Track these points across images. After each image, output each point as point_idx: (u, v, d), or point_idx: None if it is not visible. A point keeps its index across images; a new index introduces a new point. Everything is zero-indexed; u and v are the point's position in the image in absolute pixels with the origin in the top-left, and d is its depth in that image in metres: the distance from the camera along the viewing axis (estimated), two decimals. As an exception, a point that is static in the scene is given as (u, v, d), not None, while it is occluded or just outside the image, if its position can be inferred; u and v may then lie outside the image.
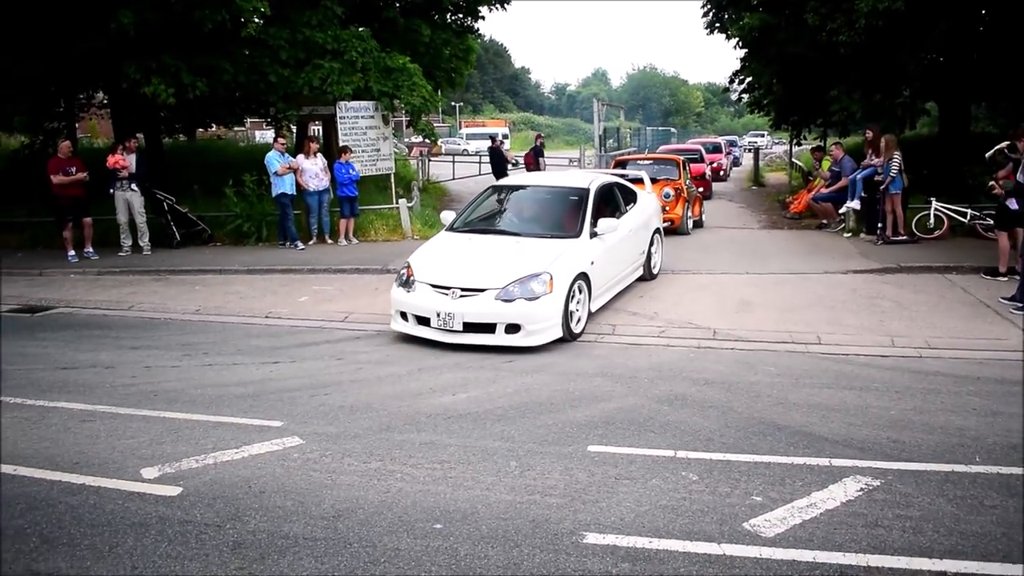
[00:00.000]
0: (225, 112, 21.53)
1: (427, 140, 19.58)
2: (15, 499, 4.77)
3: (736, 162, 40.43)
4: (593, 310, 8.94)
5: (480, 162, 31.57)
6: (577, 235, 8.94)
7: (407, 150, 40.26)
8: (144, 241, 14.21)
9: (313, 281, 11.79)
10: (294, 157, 14.61)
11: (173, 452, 5.43)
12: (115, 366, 7.68)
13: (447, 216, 9.95)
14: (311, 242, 14.65)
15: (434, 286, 8.21)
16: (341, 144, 15.48)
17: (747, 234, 16.56)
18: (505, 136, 64.60)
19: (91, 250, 13.82)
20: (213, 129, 29.80)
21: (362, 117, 16.17)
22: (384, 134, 16.68)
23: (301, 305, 10.26)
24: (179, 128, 24.18)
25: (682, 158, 18.32)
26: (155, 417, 6.14)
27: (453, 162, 31.76)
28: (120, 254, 13.99)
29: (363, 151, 16.05)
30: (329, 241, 14.74)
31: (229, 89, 15.89)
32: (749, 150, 40.86)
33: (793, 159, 27.50)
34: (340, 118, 15.93)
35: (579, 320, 8.52)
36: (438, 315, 8.04)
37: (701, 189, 20.22)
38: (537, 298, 7.92)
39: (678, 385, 6.88)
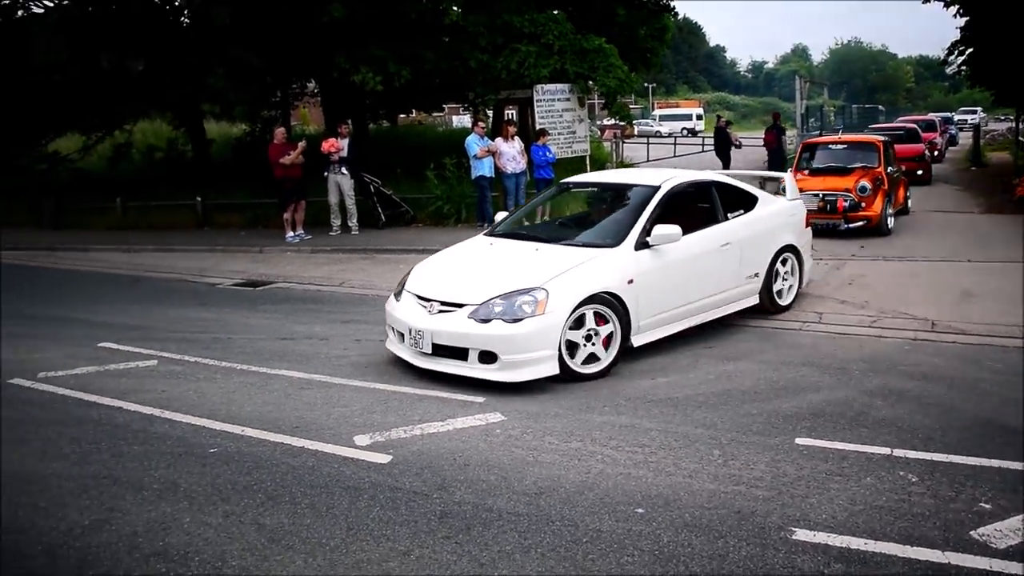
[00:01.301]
0: (426, 98, 22.34)
1: (620, 122, 19.46)
2: (243, 457, 5.16)
3: (952, 141, 37.39)
4: (637, 344, 6.99)
5: (675, 144, 31.03)
6: (615, 244, 7.05)
7: (599, 132, 40.22)
8: (352, 222, 14.99)
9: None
10: (492, 141, 14.91)
11: (383, 422, 5.68)
12: (328, 338, 8.15)
13: (500, 215, 8.80)
14: (508, 223, 14.93)
15: (418, 297, 6.88)
16: (538, 127, 15.64)
17: (966, 219, 15.26)
18: (699, 117, 63.18)
19: (302, 231, 14.73)
20: (414, 115, 30.96)
21: (558, 100, 16.27)
22: (580, 116, 16.71)
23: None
24: (383, 114, 25.34)
25: (882, 140, 15.22)
26: (366, 388, 6.45)
27: (647, 144, 31.38)
28: (330, 233, 14.84)
29: (559, 133, 16.16)
30: (525, 223, 14.97)
31: (431, 76, 16.44)
32: (963, 128, 37.65)
33: (1021, 137, 25.09)
34: (537, 101, 16.10)
35: (591, 356, 6.58)
36: (409, 332, 6.67)
37: (920, 172, 18.78)
38: (519, 320, 6.25)
39: (893, 379, 6.44)
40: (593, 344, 6.56)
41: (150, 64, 16.58)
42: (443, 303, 6.61)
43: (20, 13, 21.34)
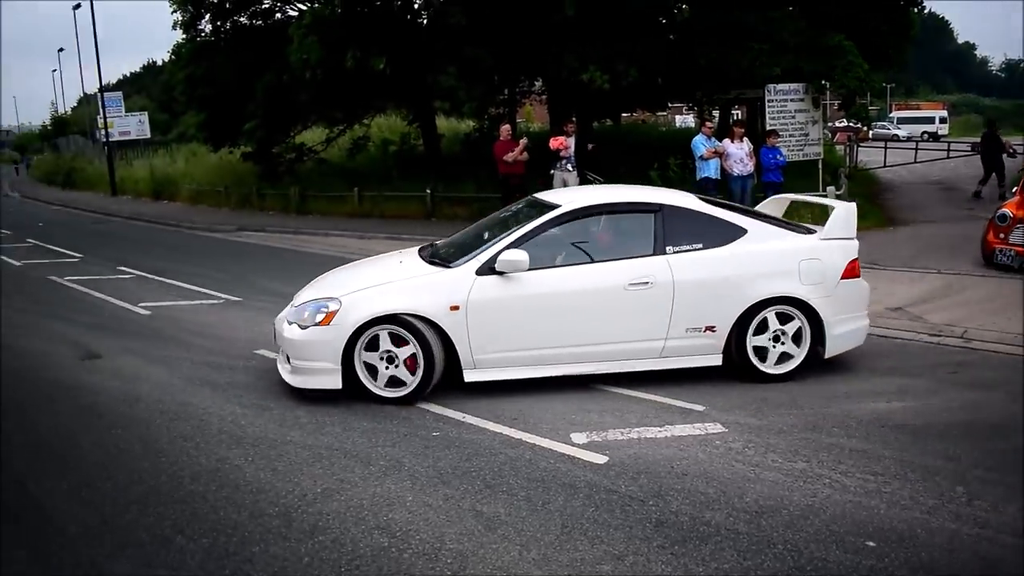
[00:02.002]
0: (651, 97, 22.14)
1: (854, 124, 18.34)
2: (463, 443, 5.31)
3: None
4: (473, 379, 6.23)
5: (916, 149, 28.85)
6: (449, 264, 6.44)
7: (831, 135, 38.19)
8: None
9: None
10: (720, 142, 14.51)
11: (600, 421, 5.66)
12: (546, 333, 8.23)
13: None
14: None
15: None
16: (768, 128, 15.05)
17: None
18: (943, 120, 58.43)
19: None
20: (636, 113, 30.80)
21: (791, 100, 15.59)
22: (813, 117, 15.94)
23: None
24: (606, 112, 25.37)
25: None
26: (585, 386, 6.44)
27: (885, 148, 29.38)
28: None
29: (790, 135, 15.48)
30: (749, 227, 14.44)
31: (657, 74, 16.25)
32: None
33: None
34: (768, 101, 15.51)
35: (393, 380, 6.08)
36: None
37: None
38: (307, 328, 6.11)
39: None
40: (396, 367, 6.04)
41: (390, 63, 17.53)
42: (294, 305, 6.58)
43: (278, 16, 23.33)
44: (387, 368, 6.07)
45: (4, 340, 8.60)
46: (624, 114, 28.60)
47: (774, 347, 6.49)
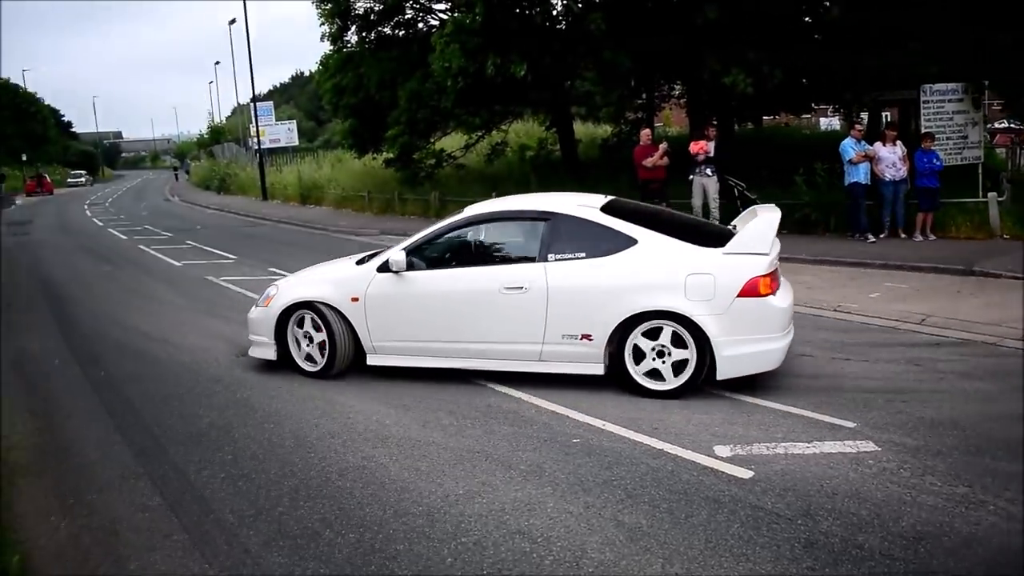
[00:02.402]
0: (796, 99, 21.44)
1: (1017, 126, 17.14)
2: (604, 451, 5.28)
3: None
4: (373, 363, 7.12)
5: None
6: (364, 262, 7.35)
7: (990, 137, 35.86)
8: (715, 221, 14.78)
9: (885, 277, 11.07)
10: (870, 145, 13.89)
11: (744, 435, 5.50)
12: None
13: None
14: (882, 235, 13.80)
15: None
16: (923, 131, 14.28)
17: None
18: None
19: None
20: (779, 116, 29.91)
21: (949, 100, 14.72)
22: (973, 119, 14.99)
23: (872, 301, 9.70)
24: (748, 115, 24.76)
25: None
26: (727, 397, 6.29)
27: (1052, 152, 27.33)
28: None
29: (947, 138, 14.62)
30: (903, 235, 13.73)
31: (804, 76, 15.71)
32: None
33: None
34: (923, 102, 14.69)
35: (309, 357, 7.31)
36: None
37: None
38: (257, 308, 7.63)
39: None
40: (310, 346, 7.26)
41: (529, 69, 17.69)
42: None
43: (420, 26, 23.97)
44: (307, 346, 7.29)
45: (170, 336, 9.17)
46: (766, 117, 27.84)
47: (657, 362, 6.30)
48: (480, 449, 5.40)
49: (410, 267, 6.87)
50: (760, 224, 6.43)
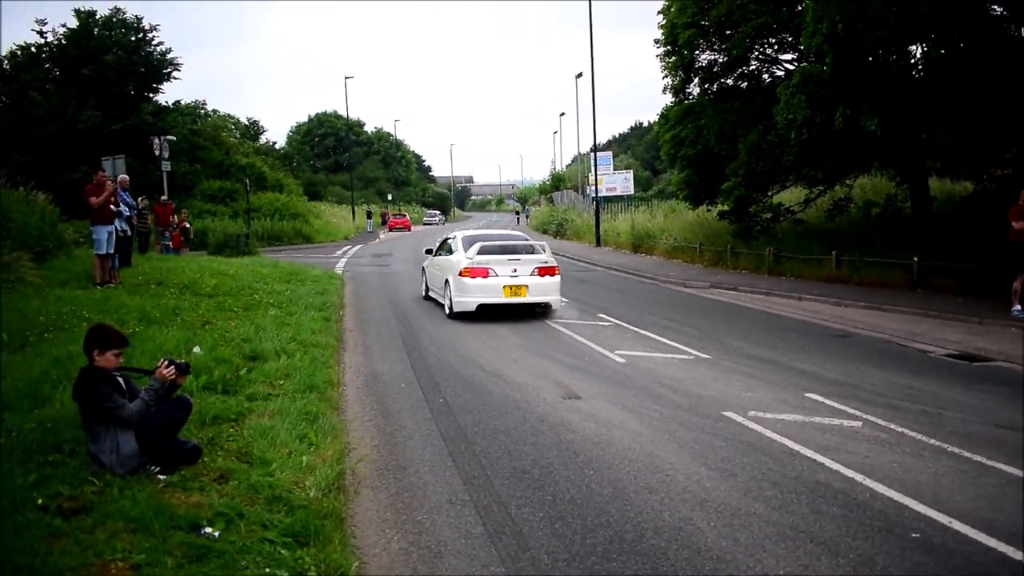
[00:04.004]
0: None
1: None
2: (949, 552, 4.70)
3: None
4: None
5: None
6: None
7: None
8: None
9: None
10: None
11: None
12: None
13: None
14: None
15: None
16: None
17: None
18: None
19: (1019, 307, 12.96)
20: None
21: None
22: None
23: None
24: None
25: None
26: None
27: None
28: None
29: None
30: None
31: None
32: None
33: None
34: None
35: None
36: None
37: None
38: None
39: None
40: None
41: (882, 122, 16.59)
42: None
43: (765, 77, 23.53)
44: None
45: (503, 371, 9.72)
46: None
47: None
48: (806, 528, 5.06)
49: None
50: (473, 248, 14.55)
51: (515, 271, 13.94)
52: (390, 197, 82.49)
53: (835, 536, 4.94)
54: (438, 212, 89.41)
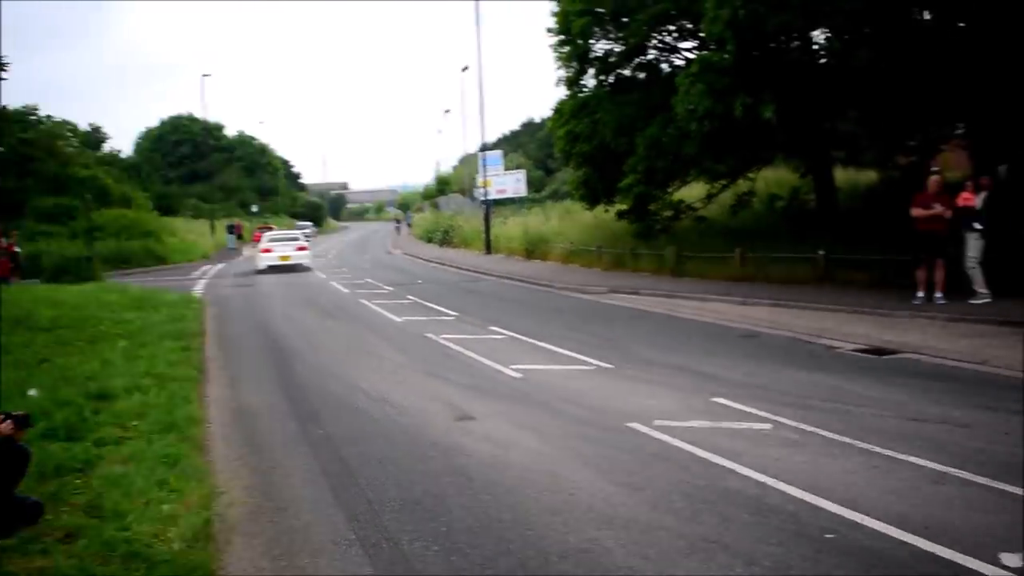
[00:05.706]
0: None
1: None
2: (863, 551, 4.98)
3: None
4: None
5: None
6: None
7: None
8: (981, 288, 13.64)
9: None
10: None
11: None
12: (969, 426, 7.52)
13: None
14: None
15: None
16: None
17: None
18: None
19: (940, 294, 13.84)
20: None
21: None
22: None
23: None
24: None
25: None
26: (1016, 494, 5.76)
27: None
28: (971, 301, 13.66)
29: None
30: None
31: None
32: None
33: None
34: None
35: None
36: None
37: None
38: None
39: None
40: None
41: (781, 109, 17.34)
42: None
43: (664, 67, 24.25)
44: None
45: (389, 395, 9.71)
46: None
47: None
48: (717, 538, 5.26)
49: None
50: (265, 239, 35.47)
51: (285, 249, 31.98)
52: (255, 208, 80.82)
53: (748, 544, 5.16)
54: (310, 223, 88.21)
